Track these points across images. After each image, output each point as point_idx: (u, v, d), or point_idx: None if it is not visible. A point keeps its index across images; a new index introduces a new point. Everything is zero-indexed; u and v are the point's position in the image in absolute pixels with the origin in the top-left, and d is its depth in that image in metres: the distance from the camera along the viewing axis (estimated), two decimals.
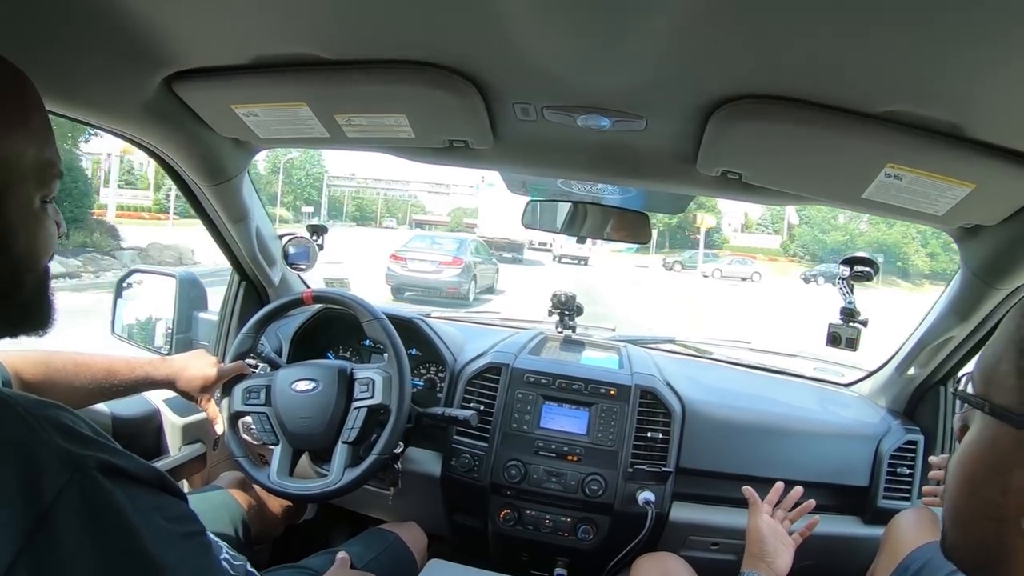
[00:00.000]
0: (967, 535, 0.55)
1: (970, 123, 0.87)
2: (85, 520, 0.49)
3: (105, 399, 1.21)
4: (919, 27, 0.66)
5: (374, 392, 1.31)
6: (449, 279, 11.67)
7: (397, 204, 67.12)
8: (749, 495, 1.21)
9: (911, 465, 1.53)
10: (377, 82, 1.00)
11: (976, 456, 0.52)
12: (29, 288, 0.62)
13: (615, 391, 1.54)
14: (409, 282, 11.58)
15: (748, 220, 47.93)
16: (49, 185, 0.62)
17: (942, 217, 1.10)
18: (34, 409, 0.52)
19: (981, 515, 0.52)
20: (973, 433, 0.53)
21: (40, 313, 0.64)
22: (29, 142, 0.59)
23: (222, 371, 1.32)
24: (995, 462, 0.50)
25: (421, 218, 58.82)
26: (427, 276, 11.58)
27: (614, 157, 1.31)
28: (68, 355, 1.13)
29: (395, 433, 1.30)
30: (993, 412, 0.50)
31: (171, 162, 1.31)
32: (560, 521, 1.51)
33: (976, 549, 0.54)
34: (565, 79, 0.97)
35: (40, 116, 0.61)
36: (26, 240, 0.60)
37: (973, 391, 0.54)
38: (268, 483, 1.28)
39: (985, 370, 0.53)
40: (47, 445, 0.50)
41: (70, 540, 0.48)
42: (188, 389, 1.29)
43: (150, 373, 1.24)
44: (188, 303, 1.70)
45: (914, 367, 1.58)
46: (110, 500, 0.51)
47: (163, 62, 0.99)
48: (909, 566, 1.08)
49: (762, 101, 0.92)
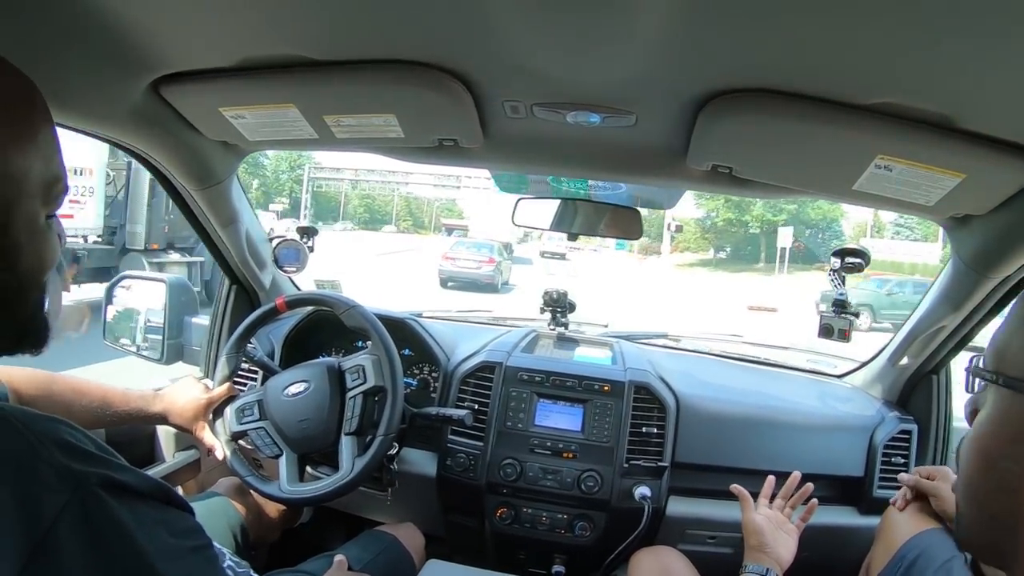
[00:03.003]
0: (982, 512, 0.56)
1: (959, 114, 0.88)
2: (88, 539, 0.48)
3: (98, 428, 1.22)
4: (907, 19, 0.66)
5: (366, 377, 1.31)
6: (486, 273, 16.01)
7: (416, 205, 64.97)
8: (738, 492, 1.21)
9: (905, 455, 1.53)
10: (365, 82, 1.00)
11: (990, 431, 0.54)
12: (30, 306, 0.60)
13: (609, 387, 1.54)
14: (456, 275, 15.71)
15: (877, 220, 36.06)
16: (55, 201, 0.60)
17: (933, 207, 1.10)
18: (33, 425, 0.51)
19: (997, 488, 0.53)
20: (986, 411, 0.55)
21: (39, 330, 0.62)
22: (36, 157, 0.57)
23: (212, 397, 1.32)
24: (1010, 433, 0.52)
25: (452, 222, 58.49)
26: (470, 271, 15.86)
27: (604, 153, 1.31)
28: (69, 380, 1.14)
29: (396, 410, 1.29)
30: (1007, 384, 0.52)
31: (160, 166, 1.30)
32: (557, 518, 1.50)
33: (990, 525, 0.55)
34: (554, 76, 0.96)
35: (48, 128, 0.59)
36: (31, 257, 0.58)
37: (983, 367, 0.56)
38: (281, 494, 1.26)
39: (998, 349, 0.55)
40: (47, 462, 0.49)
41: (73, 560, 0.47)
42: (181, 422, 1.29)
43: (143, 408, 1.25)
44: (179, 308, 1.69)
45: (907, 357, 1.59)
46: (114, 517, 0.50)
47: (150, 66, 0.98)
48: (905, 555, 1.09)
49: (751, 95, 0.92)
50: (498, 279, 16.36)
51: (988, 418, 0.55)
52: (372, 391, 1.30)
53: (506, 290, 16.64)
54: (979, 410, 0.57)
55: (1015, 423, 0.52)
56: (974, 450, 0.56)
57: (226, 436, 1.32)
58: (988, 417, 0.55)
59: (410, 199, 63.54)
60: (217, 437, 1.32)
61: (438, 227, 57.61)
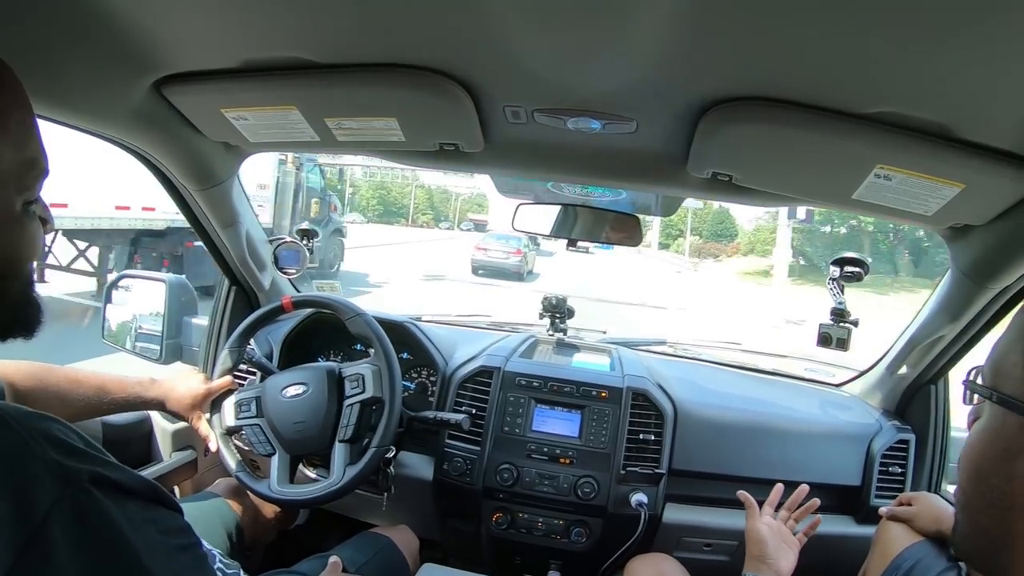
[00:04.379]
0: (974, 523, 0.56)
1: (959, 124, 0.88)
2: (78, 535, 0.48)
3: (95, 416, 1.22)
4: (907, 28, 0.67)
5: (365, 387, 1.31)
6: (514, 263, 17.42)
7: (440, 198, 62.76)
8: (745, 499, 1.21)
9: (903, 464, 1.53)
10: (367, 85, 1.00)
11: (983, 445, 0.54)
12: (14, 294, 0.60)
13: (607, 393, 1.54)
14: (487, 264, 17.28)
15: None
16: (32, 187, 0.59)
17: (932, 217, 1.10)
18: (26, 421, 0.51)
19: (988, 503, 0.53)
20: (981, 423, 0.55)
21: (27, 317, 0.62)
22: (4, 144, 0.55)
23: (211, 388, 1.32)
24: (1002, 450, 0.52)
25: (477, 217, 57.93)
26: (500, 261, 17.38)
27: (605, 159, 1.31)
28: (63, 371, 1.13)
29: (391, 423, 1.29)
30: (1001, 401, 0.52)
31: (161, 167, 1.30)
32: (553, 524, 1.50)
33: (981, 537, 0.55)
34: (555, 82, 0.97)
35: (19, 112, 0.58)
36: (6, 247, 0.57)
37: (983, 383, 0.56)
38: (270, 493, 1.26)
39: (995, 362, 0.55)
40: (39, 458, 0.49)
41: (63, 555, 0.47)
42: (178, 409, 1.29)
43: (140, 393, 1.24)
44: (178, 308, 1.69)
45: (905, 366, 1.59)
46: (104, 514, 0.50)
47: (152, 66, 0.98)
48: (900, 565, 1.08)
49: (752, 103, 0.93)
50: (524, 268, 17.98)
51: (982, 432, 0.55)
52: (369, 401, 1.30)
53: (531, 279, 18.07)
54: (979, 419, 0.57)
55: (1006, 440, 0.52)
56: (968, 461, 0.56)
57: (221, 430, 1.32)
58: (982, 430, 0.55)
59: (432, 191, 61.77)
60: (212, 429, 1.32)
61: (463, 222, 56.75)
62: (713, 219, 32.65)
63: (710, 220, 33.02)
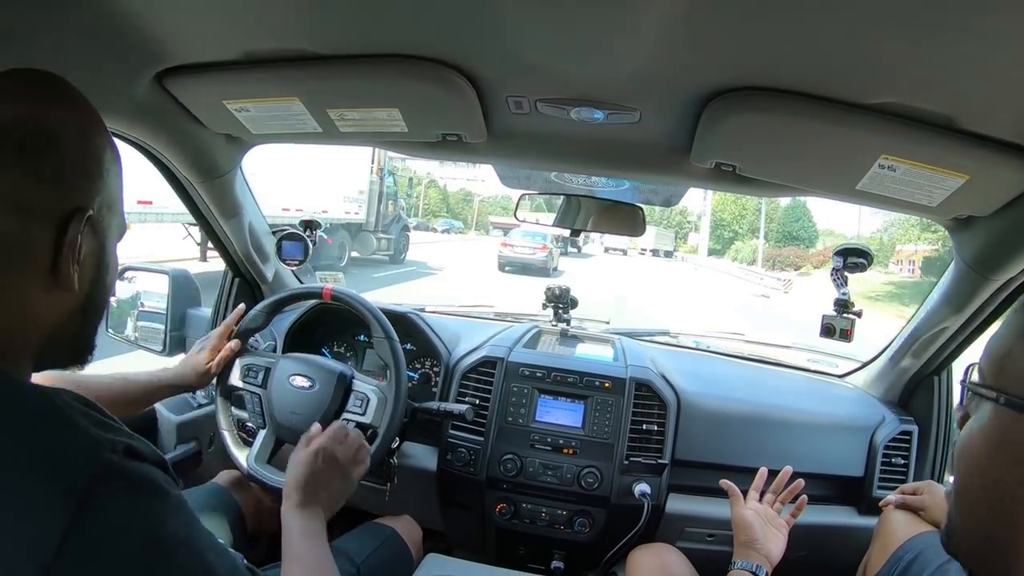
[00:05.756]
0: (979, 527, 0.54)
1: (963, 115, 0.88)
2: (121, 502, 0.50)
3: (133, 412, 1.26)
4: (911, 19, 0.66)
5: (366, 410, 1.31)
6: (540, 258, 17.74)
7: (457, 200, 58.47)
8: (728, 487, 1.20)
9: (905, 455, 1.53)
10: (370, 76, 1.00)
11: (985, 448, 0.52)
12: (93, 328, 0.64)
13: (610, 384, 1.54)
14: (513, 260, 17.61)
15: None
16: (120, 239, 0.65)
17: (936, 208, 1.10)
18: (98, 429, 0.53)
19: (994, 508, 0.51)
20: (979, 423, 0.53)
21: (88, 350, 0.65)
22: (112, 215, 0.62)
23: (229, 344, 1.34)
24: (1009, 454, 0.50)
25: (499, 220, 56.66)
26: (526, 256, 17.70)
27: (608, 150, 1.31)
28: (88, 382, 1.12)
29: (377, 454, 1.27)
30: (1009, 404, 0.50)
31: (163, 159, 1.30)
32: (556, 514, 1.51)
33: (981, 538, 0.53)
34: (558, 72, 0.96)
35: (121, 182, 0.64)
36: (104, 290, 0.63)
37: (981, 382, 0.54)
38: (243, 464, 1.28)
39: (995, 362, 0.53)
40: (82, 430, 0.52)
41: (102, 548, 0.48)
42: (195, 366, 1.28)
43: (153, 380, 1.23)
44: (182, 300, 1.69)
45: (908, 358, 1.59)
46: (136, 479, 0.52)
47: (154, 58, 0.98)
48: (902, 556, 1.09)
49: (755, 93, 0.92)
50: (551, 264, 18.37)
51: (982, 431, 0.52)
52: (365, 427, 1.30)
53: (556, 275, 18.11)
54: (970, 415, 0.55)
55: (1016, 444, 0.49)
56: (968, 462, 0.54)
57: (223, 385, 1.35)
58: (983, 432, 0.52)
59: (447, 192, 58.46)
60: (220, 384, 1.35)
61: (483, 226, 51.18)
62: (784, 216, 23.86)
63: (779, 217, 24.40)
